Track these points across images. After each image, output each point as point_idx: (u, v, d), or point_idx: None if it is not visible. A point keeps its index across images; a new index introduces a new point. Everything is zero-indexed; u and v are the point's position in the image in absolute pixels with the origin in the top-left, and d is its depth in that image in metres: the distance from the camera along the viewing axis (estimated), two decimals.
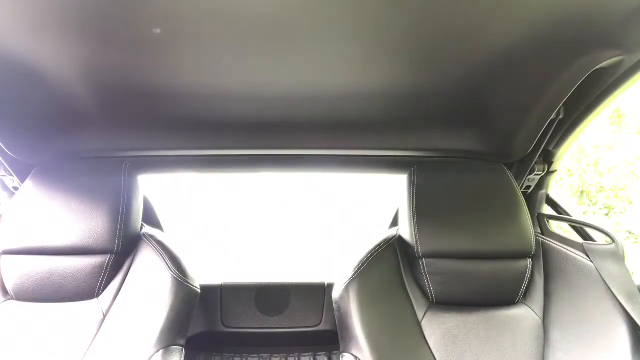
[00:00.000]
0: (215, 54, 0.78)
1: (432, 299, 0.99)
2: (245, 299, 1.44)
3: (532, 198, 1.16)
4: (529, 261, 0.98)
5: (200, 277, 1.09)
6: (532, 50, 0.77)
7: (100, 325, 0.95)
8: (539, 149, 1.04)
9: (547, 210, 1.19)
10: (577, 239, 1.05)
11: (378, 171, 1.22)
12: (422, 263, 0.98)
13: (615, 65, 0.80)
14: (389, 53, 0.79)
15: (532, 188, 1.16)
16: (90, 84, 0.90)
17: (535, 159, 1.07)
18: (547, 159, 1.10)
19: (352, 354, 0.92)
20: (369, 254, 1.00)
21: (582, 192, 3.95)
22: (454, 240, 0.96)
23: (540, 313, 0.97)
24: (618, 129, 3.88)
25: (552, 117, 0.93)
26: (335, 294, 0.99)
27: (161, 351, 0.89)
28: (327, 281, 1.45)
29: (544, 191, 1.16)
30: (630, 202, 3.75)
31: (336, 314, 1.00)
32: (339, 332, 1.00)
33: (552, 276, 0.99)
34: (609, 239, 0.96)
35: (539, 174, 1.11)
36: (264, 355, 1.42)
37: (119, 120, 1.04)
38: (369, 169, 1.20)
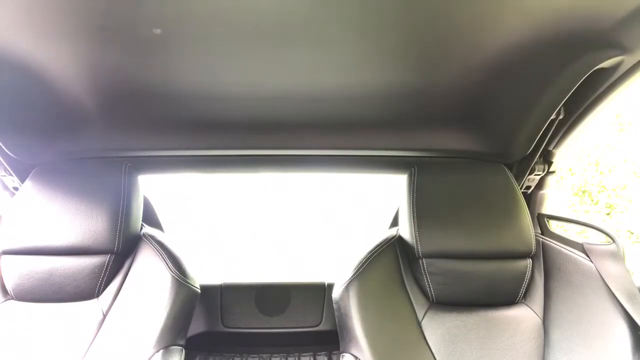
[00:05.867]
0: (215, 54, 0.78)
1: (432, 299, 0.99)
2: (245, 299, 1.44)
3: (532, 198, 1.16)
4: (529, 261, 0.98)
5: (200, 277, 1.09)
6: (532, 50, 0.77)
7: (100, 326, 0.95)
8: (539, 149, 1.04)
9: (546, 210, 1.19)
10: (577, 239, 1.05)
11: (378, 171, 1.21)
12: (422, 263, 0.98)
13: (615, 65, 0.80)
14: (389, 53, 0.79)
15: (532, 188, 1.16)
16: (90, 84, 0.90)
17: (536, 159, 1.07)
18: (547, 159, 1.09)
19: (352, 354, 0.92)
20: (369, 254, 1.00)
21: (583, 192, 3.94)
22: (454, 240, 0.96)
23: (540, 313, 0.97)
24: (620, 129, 3.88)
25: (552, 117, 0.93)
26: (335, 294, 0.99)
27: (161, 351, 0.89)
28: (327, 281, 1.45)
29: (544, 191, 1.16)
30: (631, 202, 3.75)
31: (336, 314, 1.00)
32: (338, 332, 1.00)
33: (552, 276, 0.99)
34: (609, 239, 0.96)
35: (539, 174, 1.11)
36: (264, 355, 1.42)
37: (119, 120, 1.04)
38: (369, 169, 1.20)
